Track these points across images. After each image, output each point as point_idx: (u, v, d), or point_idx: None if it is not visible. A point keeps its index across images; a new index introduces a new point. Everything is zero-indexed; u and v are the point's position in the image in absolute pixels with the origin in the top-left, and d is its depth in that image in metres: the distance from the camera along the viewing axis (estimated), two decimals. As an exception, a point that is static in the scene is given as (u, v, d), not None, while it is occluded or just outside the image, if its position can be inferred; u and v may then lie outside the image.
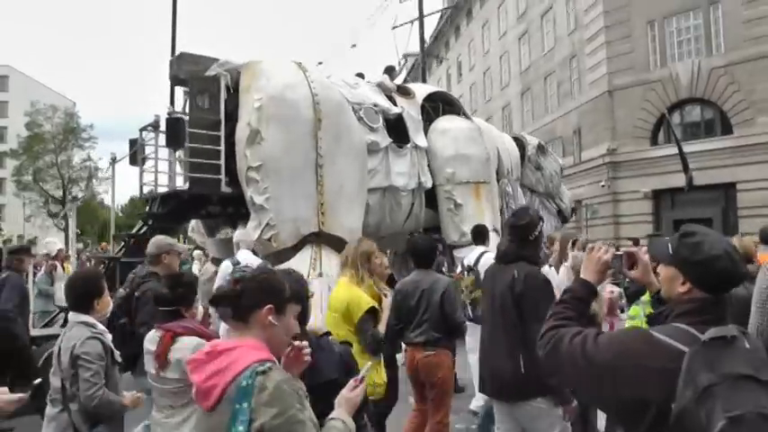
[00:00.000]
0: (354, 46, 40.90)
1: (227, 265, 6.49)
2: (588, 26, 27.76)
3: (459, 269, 6.81)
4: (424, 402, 5.14)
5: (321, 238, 8.42)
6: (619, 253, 2.49)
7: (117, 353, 3.60)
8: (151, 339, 3.38)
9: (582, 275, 2.32)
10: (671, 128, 21.10)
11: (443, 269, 8.30)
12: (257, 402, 1.81)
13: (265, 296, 2.05)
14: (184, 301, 3.52)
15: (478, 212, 10.79)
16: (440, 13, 40.89)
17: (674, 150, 19.74)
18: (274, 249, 8.19)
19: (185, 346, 3.18)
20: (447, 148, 10.92)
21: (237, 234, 7.00)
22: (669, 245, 2.02)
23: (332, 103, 8.92)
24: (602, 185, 26.38)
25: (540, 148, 14.41)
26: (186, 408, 3.19)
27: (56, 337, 3.99)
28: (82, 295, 3.59)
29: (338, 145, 8.77)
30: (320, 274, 8.09)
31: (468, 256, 6.79)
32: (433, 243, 5.65)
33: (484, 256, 6.38)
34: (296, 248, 8.33)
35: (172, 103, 9.69)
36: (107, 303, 3.77)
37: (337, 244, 8.10)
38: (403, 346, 5.42)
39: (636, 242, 15.91)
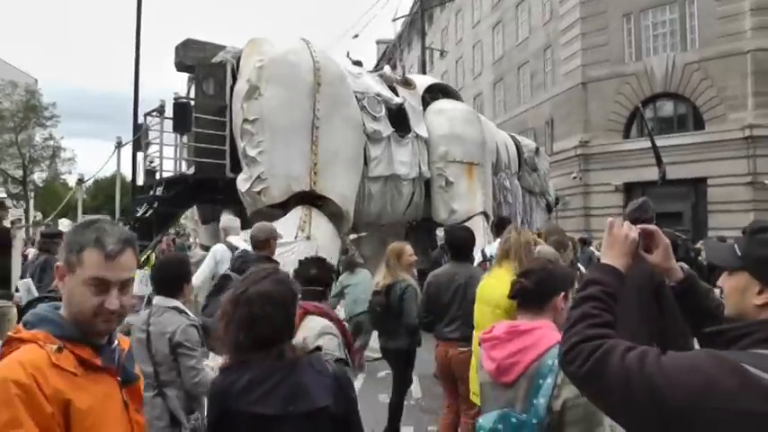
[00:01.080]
0: (356, 36, 40.06)
1: (222, 249, 6.22)
2: (564, 17, 27.69)
3: (479, 258, 6.48)
4: (455, 399, 5.01)
5: (312, 200, 8.49)
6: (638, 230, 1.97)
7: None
8: None
9: (606, 260, 1.79)
10: (644, 121, 21.16)
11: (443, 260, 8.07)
12: (563, 380, 2.01)
13: (560, 285, 2.41)
14: (327, 283, 3.71)
15: (469, 192, 11.04)
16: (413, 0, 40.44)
17: (647, 144, 19.85)
18: (263, 204, 8.25)
19: (311, 326, 3.27)
20: (442, 126, 11.11)
21: (224, 220, 6.79)
22: (735, 246, 1.62)
23: (332, 73, 9.13)
24: (574, 177, 26.44)
25: (536, 151, 14.78)
26: None
27: None
28: (175, 278, 3.61)
29: (336, 111, 8.94)
30: (308, 237, 8.10)
31: (490, 246, 6.61)
32: (472, 234, 5.35)
33: None
34: (284, 206, 8.39)
35: (136, 83, 9.64)
36: (191, 288, 3.87)
37: (328, 208, 8.38)
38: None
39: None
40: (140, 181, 11.54)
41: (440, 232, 10.37)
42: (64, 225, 12.62)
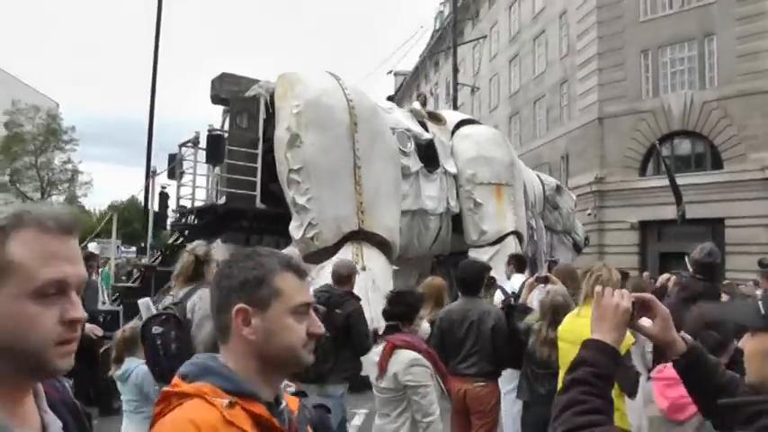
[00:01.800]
0: (390, 72, 40.22)
1: None
2: (581, 52, 27.51)
3: (499, 294, 6.58)
4: None
5: (361, 235, 8.81)
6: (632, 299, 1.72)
7: None
8: (376, 350, 3.86)
9: (596, 335, 1.56)
10: (662, 159, 20.87)
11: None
12: None
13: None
14: (406, 316, 3.83)
15: (499, 213, 11.18)
16: (431, 33, 40.68)
17: (663, 182, 19.49)
18: (316, 248, 8.54)
19: (401, 360, 3.52)
20: (469, 150, 11.28)
21: (287, 251, 6.75)
22: (761, 304, 1.42)
23: (366, 108, 9.40)
24: (589, 214, 26.00)
25: (558, 189, 14.70)
26: (400, 416, 3.56)
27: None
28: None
29: (373, 147, 9.22)
30: (363, 268, 8.23)
31: (510, 283, 6.78)
32: (483, 269, 5.37)
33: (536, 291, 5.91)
34: (336, 246, 8.68)
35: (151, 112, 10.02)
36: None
37: (377, 242, 8.79)
38: None
39: (625, 276, 15.39)
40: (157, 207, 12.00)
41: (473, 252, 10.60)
42: (93, 247, 12.81)
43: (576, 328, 4.11)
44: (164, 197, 20.93)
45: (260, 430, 1.27)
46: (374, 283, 7.63)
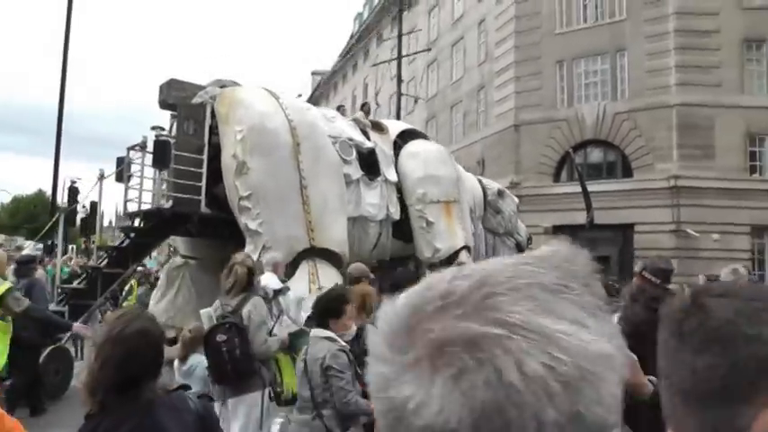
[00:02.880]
0: (345, 83, 39.58)
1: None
2: (498, 59, 28.16)
3: None
4: None
5: (313, 253, 9.06)
6: None
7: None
8: None
9: None
10: (576, 166, 21.56)
11: None
12: None
13: None
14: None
15: (449, 230, 11.69)
16: (349, 34, 40.59)
17: (576, 188, 20.21)
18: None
19: None
20: (417, 169, 11.66)
21: (269, 257, 7.30)
22: None
23: (306, 125, 9.67)
24: (504, 217, 26.59)
25: (500, 193, 15.08)
26: None
27: None
28: (326, 311, 4.13)
29: (317, 164, 9.52)
30: (320, 288, 8.39)
31: None
32: (416, 277, 5.14)
33: None
34: (292, 266, 8.80)
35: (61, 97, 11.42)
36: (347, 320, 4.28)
37: (329, 256, 9.11)
38: None
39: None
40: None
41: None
42: (32, 249, 12.27)
43: None
44: (73, 192, 19.73)
45: None
46: None
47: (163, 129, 10.14)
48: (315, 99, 47.74)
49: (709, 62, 22.89)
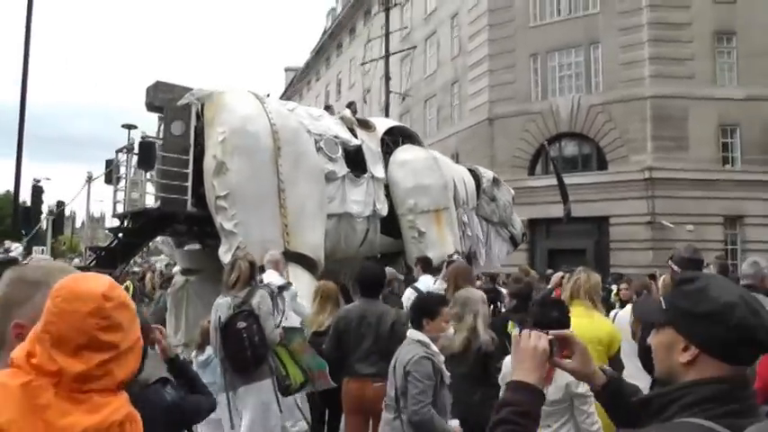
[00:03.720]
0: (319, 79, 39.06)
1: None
2: (472, 53, 28.04)
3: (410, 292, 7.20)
4: None
5: (287, 256, 8.91)
6: (550, 337, 1.77)
7: (447, 374, 3.90)
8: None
9: (517, 377, 1.65)
10: (551, 159, 21.51)
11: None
12: None
13: None
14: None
15: (440, 238, 11.82)
16: (322, 29, 40.28)
17: (551, 181, 20.17)
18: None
19: None
20: (406, 179, 11.78)
21: (270, 254, 7.35)
22: (662, 300, 1.53)
23: (289, 130, 9.77)
24: (479, 212, 26.48)
25: (495, 181, 14.93)
26: (563, 427, 3.59)
27: None
28: (422, 312, 4.04)
29: (297, 169, 9.60)
30: None
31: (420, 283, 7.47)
32: (382, 272, 5.78)
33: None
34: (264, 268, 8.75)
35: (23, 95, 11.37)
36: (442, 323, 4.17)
37: (302, 260, 9.16)
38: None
39: (526, 273, 15.59)
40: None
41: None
42: (17, 252, 11.89)
43: (580, 328, 4.15)
44: (37, 191, 19.07)
45: None
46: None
47: (136, 127, 10.37)
48: (288, 95, 47.35)
49: (682, 54, 23.03)
